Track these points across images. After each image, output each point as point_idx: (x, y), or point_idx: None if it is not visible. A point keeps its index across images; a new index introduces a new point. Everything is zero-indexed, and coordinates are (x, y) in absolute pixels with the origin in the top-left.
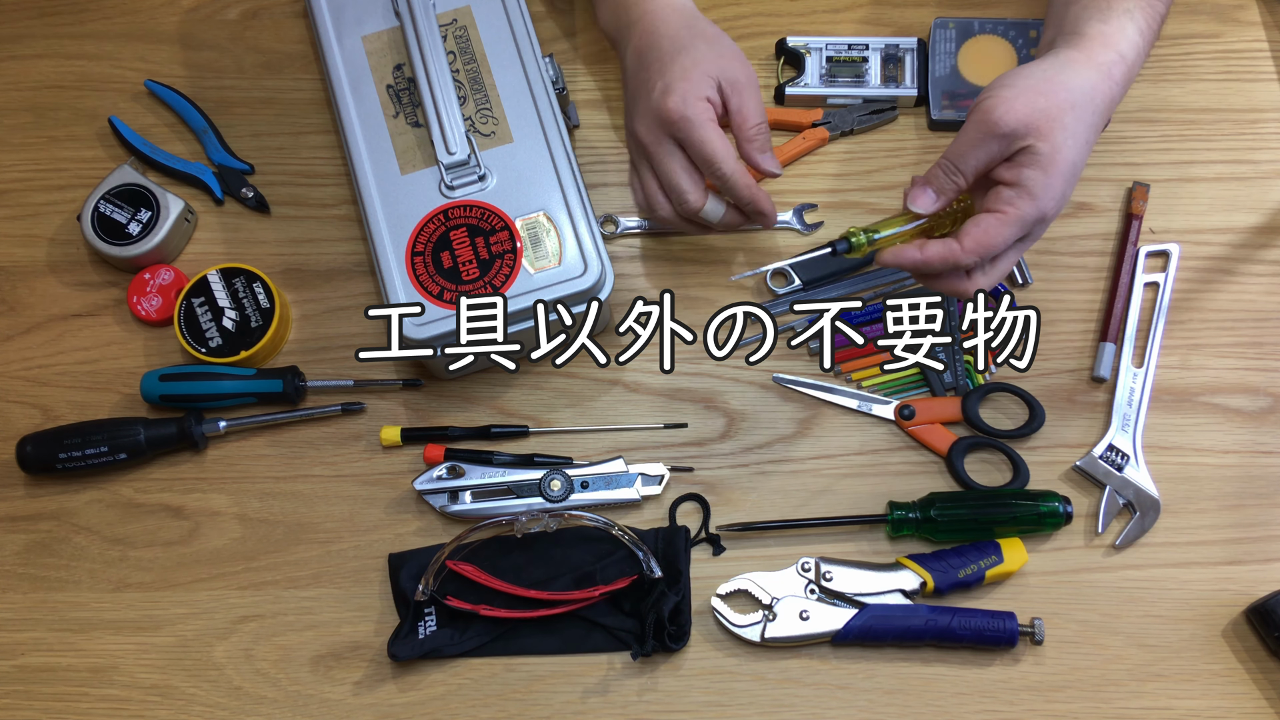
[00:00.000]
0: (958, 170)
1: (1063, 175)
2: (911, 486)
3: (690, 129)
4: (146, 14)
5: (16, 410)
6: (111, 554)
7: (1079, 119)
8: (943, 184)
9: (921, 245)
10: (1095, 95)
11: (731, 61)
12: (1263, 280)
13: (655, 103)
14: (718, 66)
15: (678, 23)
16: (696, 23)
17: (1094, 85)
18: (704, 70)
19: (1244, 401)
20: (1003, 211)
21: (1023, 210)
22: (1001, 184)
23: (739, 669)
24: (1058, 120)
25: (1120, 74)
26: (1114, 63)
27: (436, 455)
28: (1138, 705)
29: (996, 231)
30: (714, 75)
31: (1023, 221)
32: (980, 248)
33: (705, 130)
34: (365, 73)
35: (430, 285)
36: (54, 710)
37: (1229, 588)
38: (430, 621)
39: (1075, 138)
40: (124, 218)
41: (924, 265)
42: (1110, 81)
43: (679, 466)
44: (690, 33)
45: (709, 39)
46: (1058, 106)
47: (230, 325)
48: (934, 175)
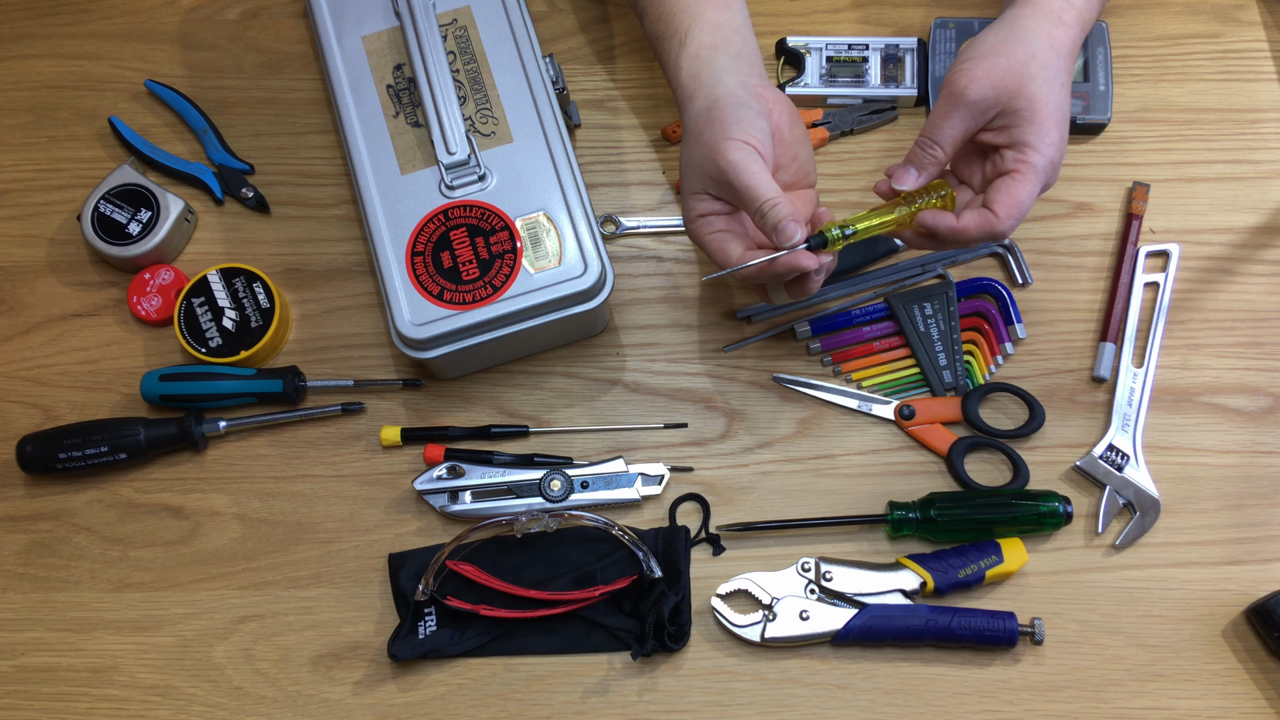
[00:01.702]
0: (935, 143)
1: (1052, 119)
2: (911, 486)
3: (697, 243)
4: (146, 14)
5: (16, 410)
6: (111, 554)
7: (1044, 65)
8: (922, 160)
9: (958, 215)
10: (1053, 41)
11: (704, 163)
12: (1263, 280)
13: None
14: (697, 174)
15: (696, 109)
16: (686, 123)
17: (1048, 33)
18: (688, 188)
19: (1244, 401)
20: (1015, 170)
21: (1032, 161)
22: (1000, 148)
23: (739, 669)
24: (1023, 74)
25: (1072, 17)
26: (1063, 8)
27: (436, 455)
28: (1138, 705)
29: (1018, 190)
30: (698, 185)
31: (1036, 171)
32: (1012, 209)
33: (704, 246)
34: (365, 73)
35: (430, 285)
36: (54, 710)
37: (1229, 588)
38: (430, 621)
39: (1047, 84)
40: (124, 218)
41: (960, 233)
42: (1063, 26)
43: (679, 466)
44: (683, 138)
45: (689, 142)
46: (1019, 61)
47: (230, 325)
48: (913, 154)
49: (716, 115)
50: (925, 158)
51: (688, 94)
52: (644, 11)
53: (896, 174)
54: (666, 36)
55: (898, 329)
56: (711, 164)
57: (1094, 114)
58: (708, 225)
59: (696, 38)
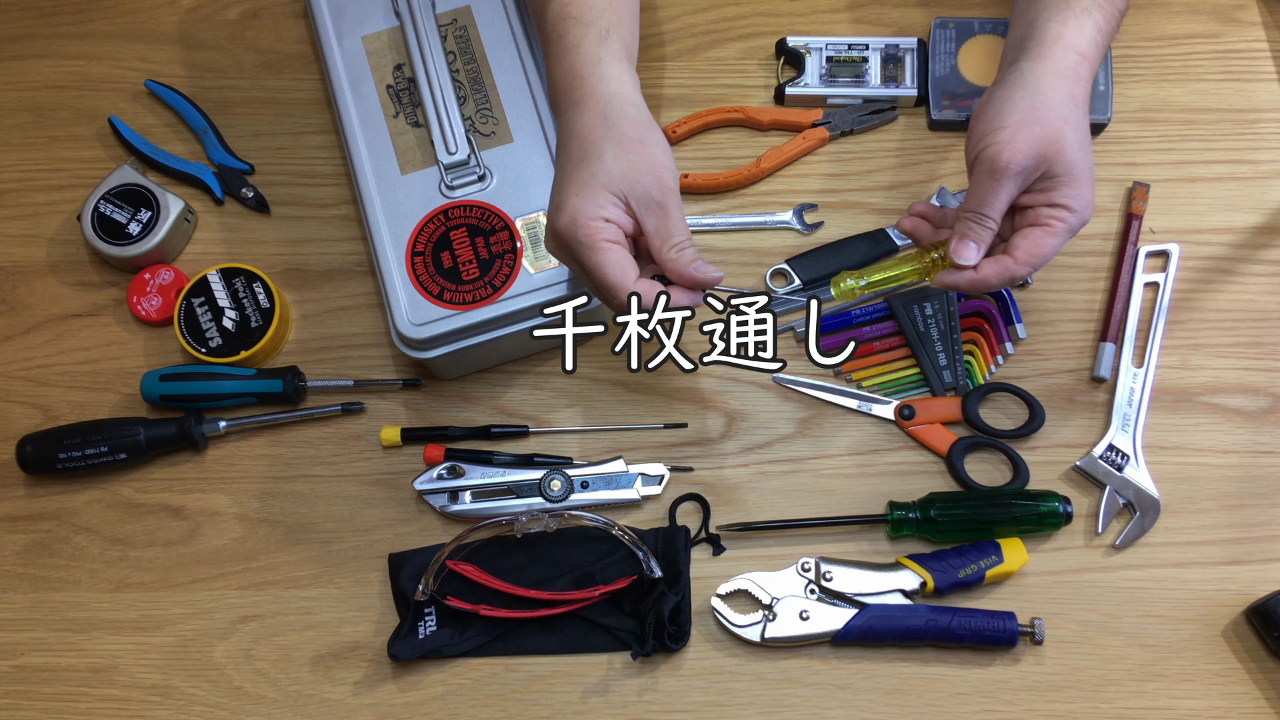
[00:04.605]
0: (986, 217)
1: (1087, 181)
2: (911, 486)
3: (583, 254)
4: (146, 14)
5: (16, 410)
6: (111, 554)
7: (1074, 127)
8: (979, 234)
9: (977, 266)
10: (1074, 100)
11: (643, 175)
12: (1263, 280)
13: (550, 220)
14: (626, 181)
15: (594, 120)
16: (618, 120)
17: (1069, 92)
18: (605, 184)
19: (1244, 401)
20: (1049, 225)
21: (1069, 222)
22: (1037, 206)
23: (739, 669)
24: (1059, 140)
25: (1086, 72)
26: (1077, 63)
27: (436, 455)
28: (1138, 705)
29: (1046, 243)
30: (618, 191)
31: (1070, 229)
32: (1032, 259)
33: (599, 255)
34: (365, 73)
35: (430, 285)
36: (54, 710)
37: (1229, 588)
38: (430, 621)
39: (1080, 145)
40: (124, 218)
41: (982, 284)
42: (1079, 82)
43: (679, 466)
44: (604, 133)
45: (624, 144)
46: (1053, 128)
47: (230, 325)
48: (970, 230)
49: (654, 130)
50: (982, 233)
51: (612, 79)
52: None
53: (958, 250)
54: (584, 23)
55: (898, 329)
56: (651, 177)
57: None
58: (606, 231)
59: (620, 38)
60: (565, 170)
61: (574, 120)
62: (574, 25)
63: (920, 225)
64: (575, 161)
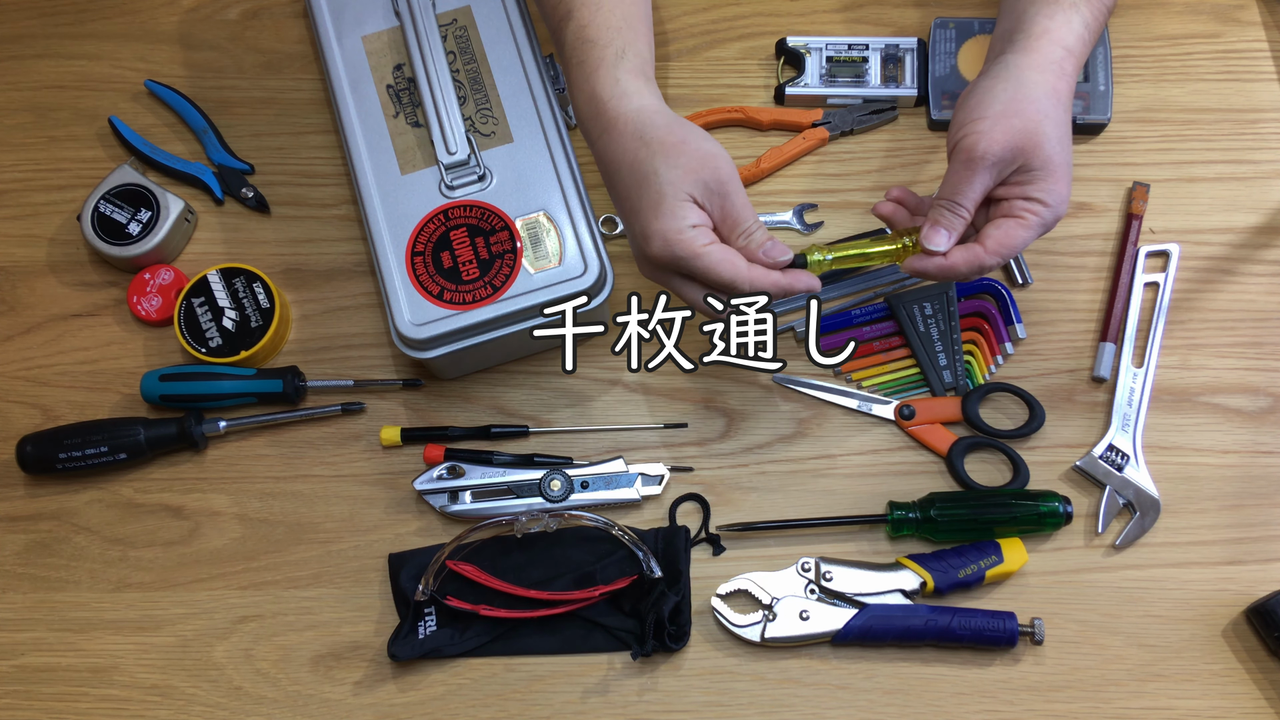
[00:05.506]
0: (959, 206)
1: (1064, 176)
2: (911, 486)
3: (689, 266)
4: (146, 14)
5: (16, 410)
6: (111, 554)
7: (1054, 122)
8: (951, 221)
9: (947, 252)
10: (1058, 96)
11: (700, 171)
12: (1263, 280)
13: (642, 250)
14: (688, 183)
15: (630, 143)
16: (651, 133)
17: (1052, 86)
18: (673, 195)
19: (1244, 401)
20: (1022, 217)
21: (1043, 216)
22: (1012, 199)
23: (739, 669)
24: (1038, 133)
25: (1071, 67)
26: (1063, 59)
27: (436, 455)
28: (1138, 705)
29: (1017, 235)
30: (686, 195)
31: (1044, 223)
32: (1003, 250)
33: (704, 261)
34: (365, 73)
35: (430, 285)
36: (54, 710)
37: (1229, 588)
38: (430, 621)
39: (1059, 140)
40: (124, 218)
41: (950, 271)
42: (1064, 77)
43: (679, 466)
44: (646, 150)
45: (668, 151)
46: (1033, 121)
47: (230, 325)
48: (942, 217)
49: (690, 126)
50: (955, 220)
51: (633, 95)
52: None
53: (929, 236)
54: (600, 45)
55: (898, 329)
56: (708, 170)
57: (1094, 114)
58: (703, 236)
59: (636, 54)
60: (629, 200)
61: (609, 147)
62: (591, 49)
63: (897, 210)
64: (634, 188)
